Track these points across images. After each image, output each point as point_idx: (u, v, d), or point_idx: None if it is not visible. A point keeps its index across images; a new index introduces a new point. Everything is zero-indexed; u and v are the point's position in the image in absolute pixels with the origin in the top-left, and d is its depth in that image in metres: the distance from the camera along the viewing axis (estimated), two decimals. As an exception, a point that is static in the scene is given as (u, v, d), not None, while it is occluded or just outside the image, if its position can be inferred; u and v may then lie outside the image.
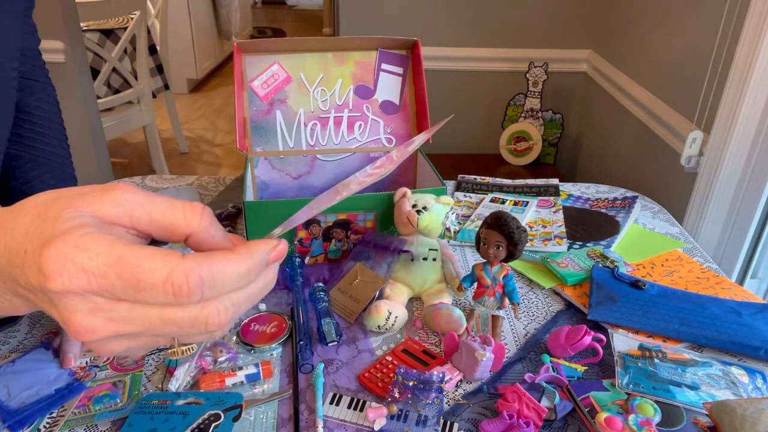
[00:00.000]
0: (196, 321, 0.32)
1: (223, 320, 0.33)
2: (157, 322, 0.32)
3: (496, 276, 0.81)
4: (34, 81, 0.84)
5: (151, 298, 0.31)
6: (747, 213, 1.36)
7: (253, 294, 0.35)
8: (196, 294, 0.31)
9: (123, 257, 0.31)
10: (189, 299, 0.31)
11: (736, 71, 1.29)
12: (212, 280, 0.32)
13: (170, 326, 0.32)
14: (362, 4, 2.12)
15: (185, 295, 0.31)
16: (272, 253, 0.36)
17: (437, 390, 0.69)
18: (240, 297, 0.34)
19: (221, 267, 0.32)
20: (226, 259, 0.33)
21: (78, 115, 2.16)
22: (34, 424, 0.66)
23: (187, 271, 0.31)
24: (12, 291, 0.34)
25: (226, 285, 0.33)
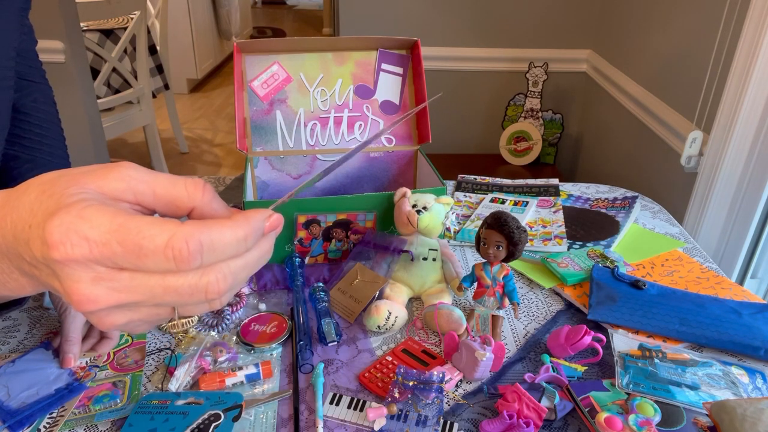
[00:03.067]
0: (196, 289, 0.33)
1: (222, 288, 0.33)
2: (159, 291, 0.32)
3: (496, 276, 0.81)
4: (31, 82, 0.84)
5: (152, 264, 0.32)
6: (747, 213, 1.36)
7: (251, 262, 0.35)
8: (196, 259, 0.32)
9: (124, 225, 0.31)
10: (189, 264, 0.32)
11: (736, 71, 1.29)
12: (211, 245, 0.32)
13: (171, 294, 0.33)
14: (362, 4, 2.12)
15: (185, 260, 0.32)
16: (267, 222, 0.36)
17: (437, 390, 0.69)
18: (237, 265, 0.34)
19: (219, 233, 0.33)
20: (223, 226, 0.34)
21: (78, 115, 2.16)
22: (34, 424, 0.66)
23: (187, 237, 0.32)
24: (18, 268, 0.34)
25: (225, 250, 0.33)
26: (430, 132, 1.06)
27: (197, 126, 3.91)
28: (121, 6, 2.49)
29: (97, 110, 2.31)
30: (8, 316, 0.83)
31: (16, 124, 0.82)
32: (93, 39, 2.47)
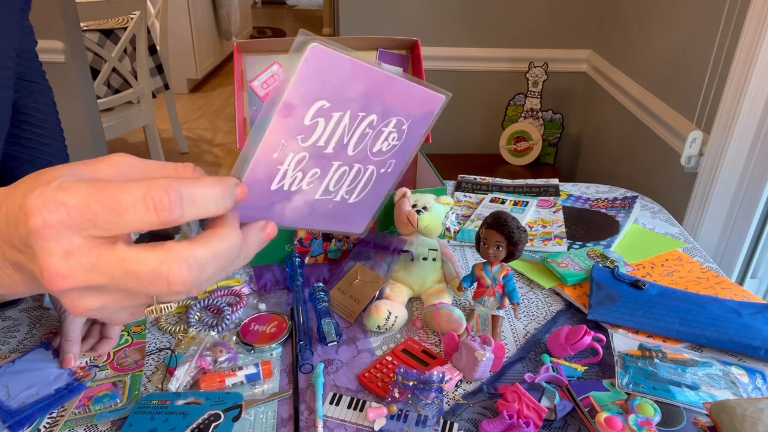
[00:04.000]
0: (157, 276, 0.32)
1: (186, 278, 0.32)
2: (119, 274, 0.32)
3: (496, 276, 0.81)
4: (31, 82, 0.84)
5: (133, 218, 0.31)
6: (747, 213, 1.36)
7: (218, 253, 0.34)
8: (177, 208, 0.32)
9: (103, 186, 0.31)
10: (171, 213, 0.31)
11: (736, 71, 1.29)
12: (191, 196, 0.32)
13: (131, 279, 0.32)
14: (362, 4, 2.12)
15: (166, 208, 0.31)
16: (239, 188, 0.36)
17: (437, 390, 0.69)
18: (204, 254, 0.33)
19: (199, 185, 0.33)
20: (199, 180, 0.34)
21: (78, 115, 2.16)
22: (34, 424, 0.66)
23: (166, 186, 0.32)
24: (10, 261, 0.34)
25: (205, 203, 0.33)
26: (430, 132, 1.06)
27: (197, 126, 3.91)
28: (121, 6, 2.49)
29: (97, 110, 2.31)
30: (8, 316, 0.83)
31: (15, 124, 0.82)
32: (93, 39, 2.47)
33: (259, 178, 0.38)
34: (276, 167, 0.38)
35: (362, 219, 0.45)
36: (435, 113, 0.43)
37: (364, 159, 0.42)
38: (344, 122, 0.39)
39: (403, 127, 0.42)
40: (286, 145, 0.37)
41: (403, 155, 0.44)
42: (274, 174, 0.38)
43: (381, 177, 0.44)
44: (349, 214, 0.44)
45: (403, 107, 0.41)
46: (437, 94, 0.42)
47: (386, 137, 0.42)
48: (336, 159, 0.40)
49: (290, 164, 0.38)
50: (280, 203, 0.40)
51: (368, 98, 0.39)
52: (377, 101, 0.39)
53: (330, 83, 0.36)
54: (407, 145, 0.44)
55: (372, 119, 0.40)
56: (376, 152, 0.42)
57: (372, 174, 0.43)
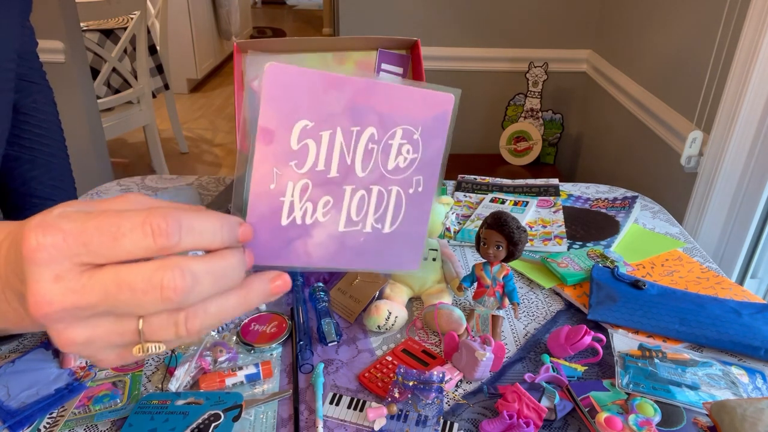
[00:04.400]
0: (151, 283, 0.31)
1: (179, 286, 0.31)
2: (113, 288, 0.31)
3: (496, 276, 0.81)
4: (31, 83, 0.84)
5: (129, 244, 0.31)
6: (747, 213, 1.36)
7: (215, 270, 0.33)
8: (175, 234, 0.31)
9: (104, 212, 0.31)
10: (168, 239, 0.31)
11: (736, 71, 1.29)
12: (190, 225, 0.32)
13: (125, 291, 0.31)
14: (362, 4, 2.12)
15: (164, 233, 0.31)
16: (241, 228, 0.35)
17: (437, 390, 0.69)
18: (200, 267, 0.32)
19: (196, 215, 0.33)
20: (200, 212, 0.34)
21: (78, 115, 2.16)
22: (34, 424, 0.66)
23: (165, 213, 0.31)
24: (15, 291, 0.34)
25: (203, 233, 0.33)
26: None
27: (197, 126, 3.91)
28: (121, 6, 2.49)
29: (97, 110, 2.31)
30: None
31: (16, 124, 0.82)
32: (93, 39, 2.47)
33: (263, 213, 0.36)
34: (278, 199, 0.36)
35: (411, 252, 0.41)
36: (449, 114, 0.39)
37: (381, 179, 0.38)
38: (338, 140, 0.36)
39: (415, 136, 0.38)
40: (281, 173, 0.35)
41: (429, 169, 0.40)
42: (278, 207, 0.36)
43: (412, 198, 0.39)
44: (391, 248, 0.40)
45: (406, 114, 0.38)
46: (443, 93, 0.39)
47: (398, 151, 0.38)
48: (346, 183, 0.37)
49: (293, 194, 0.36)
50: (299, 240, 0.37)
51: (356, 110, 0.36)
52: (369, 112, 0.36)
53: (303, 101, 0.34)
54: (430, 157, 0.39)
55: (371, 133, 0.37)
56: (393, 170, 0.38)
57: (399, 196, 0.39)
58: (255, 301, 0.36)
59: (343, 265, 0.39)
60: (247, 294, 0.35)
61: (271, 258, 0.37)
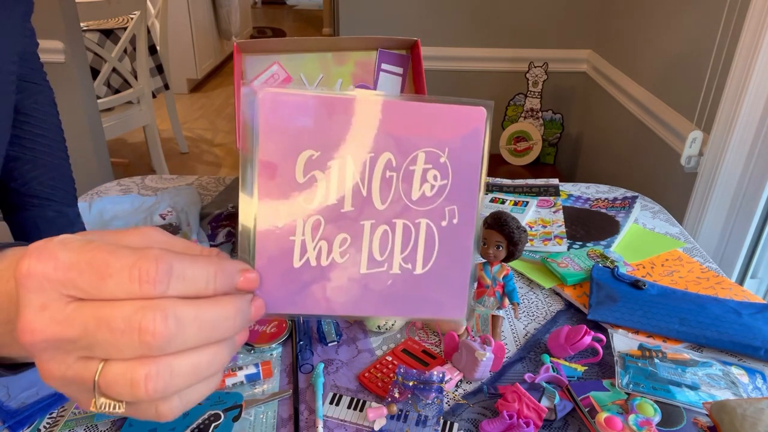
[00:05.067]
0: (130, 324, 0.28)
1: (159, 330, 0.28)
2: (92, 323, 0.29)
3: (496, 276, 0.81)
4: (32, 83, 0.85)
5: (113, 285, 0.29)
6: (747, 213, 1.36)
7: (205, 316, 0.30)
8: (162, 282, 0.29)
9: (99, 246, 0.30)
10: (154, 287, 0.29)
11: (736, 71, 1.29)
12: (181, 272, 0.30)
13: (103, 329, 0.29)
14: (362, 4, 2.12)
15: (151, 280, 0.29)
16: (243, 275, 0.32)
17: (437, 390, 0.69)
18: (186, 313, 0.30)
19: (191, 261, 0.31)
20: (195, 256, 0.31)
21: (78, 115, 2.16)
22: (34, 424, 0.66)
23: (158, 257, 0.29)
24: None
25: (194, 281, 0.30)
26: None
27: (197, 126, 3.91)
28: (121, 6, 2.49)
29: (97, 110, 2.31)
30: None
31: (16, 125, 0.82)
32: (93, 39, 2.47)
33: (272, 255, 0.32)
34: (288, 239, 0.32)
35: (452, 295, 0.35)
36: (482, 131, 0.34)
37: (406, 212, 0.33)
38: (349, 170, 0.32)
39: (441, 159, 0.33)
40: (289, 209, 0.32)
41: (465, 196, 0.34)
42: (289, 248, 0.32)
43: (447, 232, 0.34)
44: (426, 291, 0.34)
45: (427, 135, 0.33)
46: (472, 107, 0.33)
47: (423, 178, 0.33)
48: (363, 218, 0.33)
49: (305, 233, 0.32)
50: (316, 284, 0.33)
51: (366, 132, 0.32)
52: (382, 135, 0.32)
53: (306, 129, 0.31)
54: (463, 182, 0.34)
55: (387, 159, 0.32)
56: (418, 200, 0.33)
57: (430, 230, 0.34)
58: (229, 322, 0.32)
59: (370, 312, 0.34)
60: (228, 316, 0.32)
61: (286, 305, 0.33)
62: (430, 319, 0.44)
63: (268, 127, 0.31)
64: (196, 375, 0.31)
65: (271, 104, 0.31)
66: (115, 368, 0.30)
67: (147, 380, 0.29)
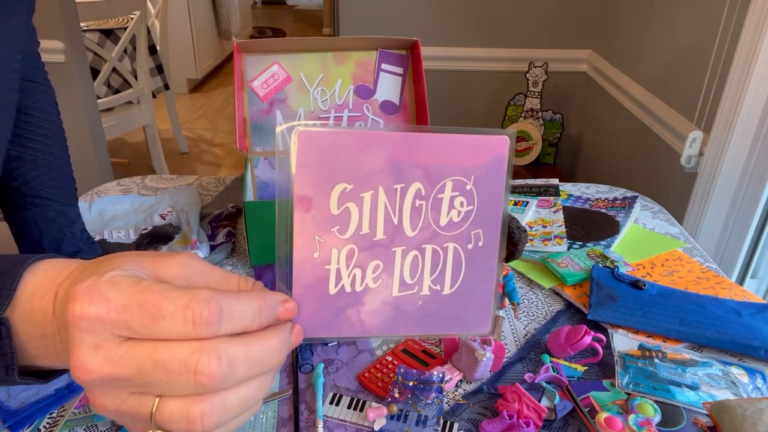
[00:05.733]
0: (186, 366, 0.30)
1: (214, 372, 0.30)
2: (148, 364, 0.31)
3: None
4: (34, 83, 0.84)
5: (168, 327, 0.31)
6: (747, 213, 1.36)
7: (253, 354, 0.33)
8: (214, 323, 0.31)
9: (149, 287, 0.31)
10: (207, 328, 0.31)
11: (736, 71, 1.29)
12: (230, 311, 0.32)
13: (159, 370, 0.30)
14: (362, 4, 2.12)
15: (204, 322, 0.31)
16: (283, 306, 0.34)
17: (437, 390, 0.69)
18: (237, 352, 0.32)
19: (237, 299, 0.32)
20: (240, 294, 0.33)
21: (78, 115, 2.16)
22: (34, 424, 0.66)
23: (208, 298, 0.31)
24: None
25: (242, 318, 0.32)
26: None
27: (197, 126, 3.91)
28: (121, 6, 2.49)
29: (97, 110, 2.31)
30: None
31: (18, 124, 0.82)
32: (93, 39, 2.47)
33: (309, 284, 0.35)
34: (324, 268, 0.35)
35: (478, 313, 0.38)
36: (505, 159, 0.36)
37: (435, 237, 0.36)
38: (382, 200, 0.34)
39: (468, 187, 0.35)
40: (323, 240, 0.34)
41: (490, 219, 0.37)
42: (325, 276, 0.35)
43: (473, 254, 0.37)
44: (454, 310, 0.37)
45: (454, 164, 0.35)
46: (495, 137, 0.36)
47: (450, 204, 0.36)
48: (395, 244, 0.35)
49: (339, 261, 0.35)
50: (351, 309, 0.36)
51: (397, 166, 0.34)
52: (411, 167, 0.34)
53: (339, 163, 0.33)
54: (488, 207, 0.36)
55: (417, 188, 0.35)
56: (446, 225, 0.36)
57: (457, 253, 0.36)
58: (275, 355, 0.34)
59: (402, 332, 0.37)
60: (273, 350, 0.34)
61: (323, 330, 0.36)
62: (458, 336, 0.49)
63: (303, 163, 0.33)
64: (244, 406, 0.33)
65: (306, 141, 0.33)
66: (172, 405, 0.31)
67: (203, 417, 0.31)
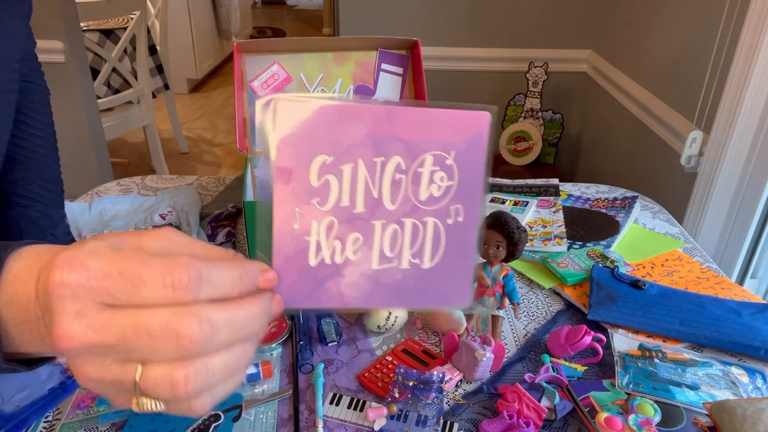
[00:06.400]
0: (168, 331, 0.30)
1: (196, 333, 0.30)
2: (130, 331, 0.31)
3: (496, 276, 0.81)
4: (31, 83, 0.84)
5: (148, 293, 0.31)
6: (747, 213, 1.36)
7: (235, 318, 0.32)
8: (194, 288, 0.31)
9: (129, 255, 0.31)
10: (187, 292, 0.31)
11: (736, 71, 1.29)
12: (210, 277, 0.32)
13: (142, 335, 0.30)
14: (362, 4, 2.12)
15: (184, 287, 0.31)
16: (263, 275, 0.34)
17: (437, 390, 0.68)
18: (219, 316, 0.32)
19: (218, 266, 0.33)
20: (222, 261, 0.33)
21: (78, 115, 2.16)
22: (31, 427, 0.65)
23: (188, 264, 0.31)
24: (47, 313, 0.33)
25: (222, 285, 0.32)
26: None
27: (197, 126, 3.91)
28: (121, 6, 2.49)
29: (97, 110, 2.31)
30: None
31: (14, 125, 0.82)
32: (93, 39, 2.47)
33: (289, 254, 0.35)
34: (304, 239, 0.35)
35: (458, 287, 0.37)
36: (485, 135, 0.37)
37: (415, 211, 0.36)
38: (362, 173, 0.34)
39: (448, 162, 0.36)
40: (303, 212, 0.34)
41: (469, 196, 0.37)
42: (305, 247, 0.35)
43: (453, 230, 0.37)
44: (434, 284, 0.37)
45: (435, 139, 0.35)
46: (476, 112, 0.36)
47: (430, 179, 0.36)
48: (375, 218, 0.35)
49: (319, 233, 0.35)
50: (331, 280, 0.36)
51: (378, 140, 0.34)
52: (392, 140, 0.34)
53: (319, 135, 0.33)
54: (468, 183, 0.36)
55: (397, 162, 0.35)
56: (426, 200, 0.36)
57: (437, 228, 0.36)
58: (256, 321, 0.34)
59: (381, 304, 0.37)
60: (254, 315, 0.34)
61: (302, 300, 0.36)
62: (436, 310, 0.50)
63: (283, 135, 0.33)
64: (228, 372, 0.33)
65: (286, 112, 0.33)
66: (155, 371, 0.31)
67: (186, 381, 0.31)
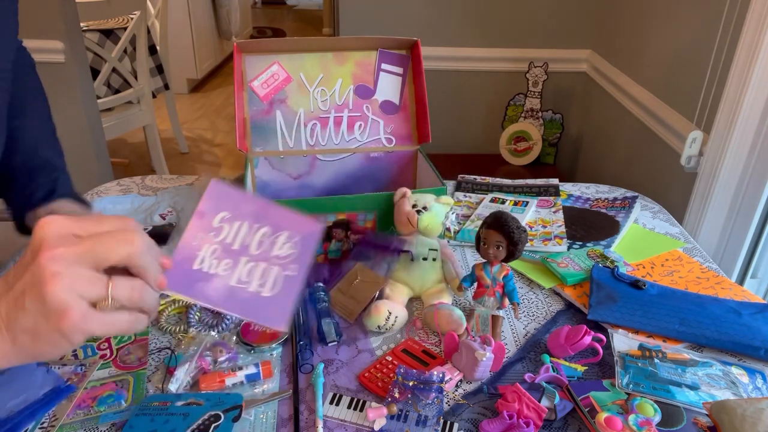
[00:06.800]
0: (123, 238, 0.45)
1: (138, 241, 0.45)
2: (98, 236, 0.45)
3: (496, 276, 0.81)
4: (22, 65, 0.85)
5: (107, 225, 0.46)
6: (747, 213, 1.36)
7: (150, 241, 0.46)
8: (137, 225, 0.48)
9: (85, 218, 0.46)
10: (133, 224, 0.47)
11: (736, 71, 1.29)
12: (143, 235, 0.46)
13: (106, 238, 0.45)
14: (362, 4, 2.12)
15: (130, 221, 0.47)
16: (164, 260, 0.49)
17: (437, 390, 0.69)
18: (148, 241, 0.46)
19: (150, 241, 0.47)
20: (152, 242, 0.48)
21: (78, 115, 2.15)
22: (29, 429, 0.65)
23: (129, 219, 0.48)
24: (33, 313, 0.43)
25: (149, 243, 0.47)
26: (430, 132, 1.06)
27: (197, 126, 3.91)
28: (121, 6, 2.49)
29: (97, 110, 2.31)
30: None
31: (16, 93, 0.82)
32: (93, 39, 2.47)
33: (183, 257, 0.51)
34: (195, 252, 0.52)
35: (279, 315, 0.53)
36: (316, 234, 0.56)
37: (268, 259, 0.54)
38: (244, 228, 0.54)
39: (295, 239, 0.56)
40: (202, 237, 0.53)
41: (302, 262, 0.55)
42: (194, 257, 0.52)
43: (288, 279, 0.55)
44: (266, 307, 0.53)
45: (288, 226, 0.55)
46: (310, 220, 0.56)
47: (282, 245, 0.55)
48: (242, 255, 0.54)
49: (207, 253, 0.52)
50: (202, 282, 0.51)
51: (258, 215, 0.55)
52: (266, 218, 0.55)
53: (228, 203, 0.54)
54: (303, 256, 0.56)
55: (265, 230, 0.55)
56: (275, 256, 0.55)
57: (279, 274, 0.54)
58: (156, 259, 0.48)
59: (230, 310, 0.53)
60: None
61: (179, 288, 0.50)
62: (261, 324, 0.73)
63: (208, 197, 0.54)
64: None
65: (215, 188, 0.54)
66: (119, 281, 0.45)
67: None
